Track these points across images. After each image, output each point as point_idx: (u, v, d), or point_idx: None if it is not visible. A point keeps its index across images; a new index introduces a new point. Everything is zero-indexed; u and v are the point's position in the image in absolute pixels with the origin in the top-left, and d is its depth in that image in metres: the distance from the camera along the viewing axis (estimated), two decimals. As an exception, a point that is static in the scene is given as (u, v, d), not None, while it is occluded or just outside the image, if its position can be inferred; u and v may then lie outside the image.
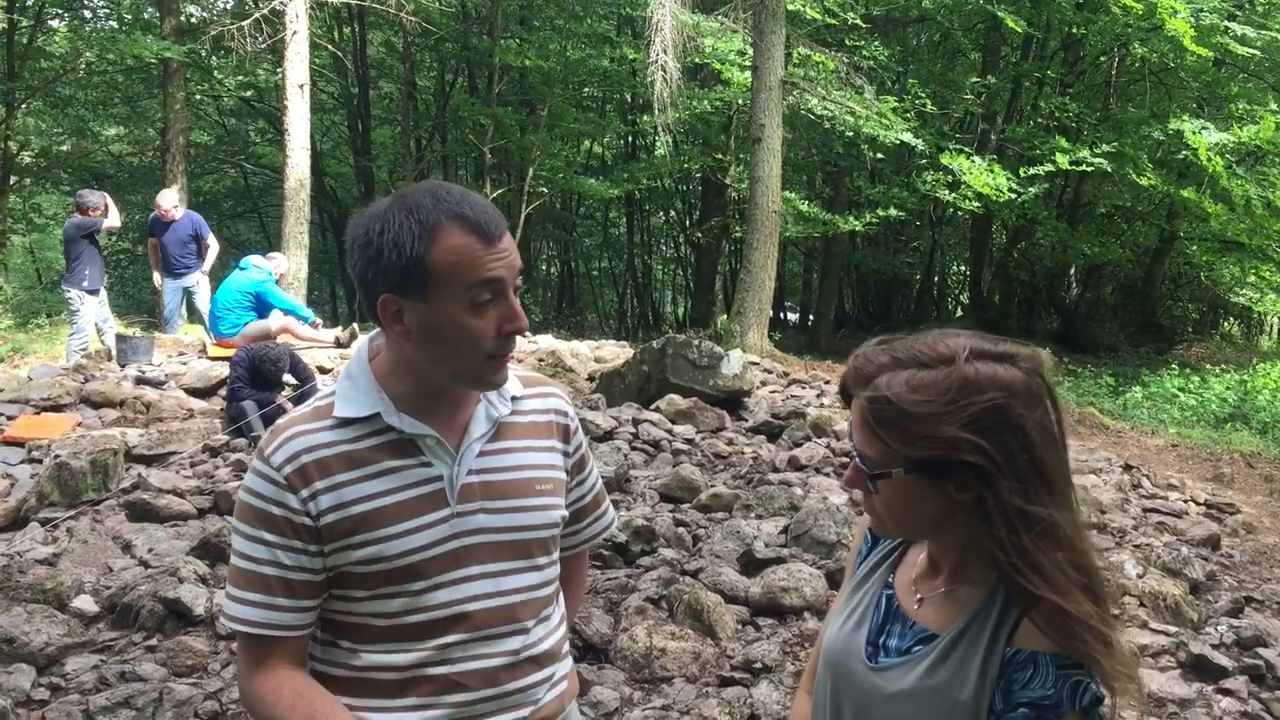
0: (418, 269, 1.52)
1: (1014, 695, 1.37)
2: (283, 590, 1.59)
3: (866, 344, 1.51)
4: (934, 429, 1.37)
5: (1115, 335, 21.65)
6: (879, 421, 1.41)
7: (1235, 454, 9.91)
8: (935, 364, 1.41)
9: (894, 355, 1.45)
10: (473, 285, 1.53)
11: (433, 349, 1.57)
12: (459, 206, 1.54)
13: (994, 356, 1.41)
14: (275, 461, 1.58)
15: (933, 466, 1.40)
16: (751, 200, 13.73)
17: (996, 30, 18.77)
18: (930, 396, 1.38)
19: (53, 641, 4.12)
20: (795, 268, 26.51)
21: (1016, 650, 1.39)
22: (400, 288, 1.54)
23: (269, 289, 10.05)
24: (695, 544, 5.47)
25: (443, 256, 1.51)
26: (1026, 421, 1.37)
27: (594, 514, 1.95)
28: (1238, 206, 15.52)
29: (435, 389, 1.63)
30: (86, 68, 18.25)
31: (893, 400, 1.40)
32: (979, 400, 1.36)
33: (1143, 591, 5.08)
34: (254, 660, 1.61)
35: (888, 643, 1.54)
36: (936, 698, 1.43)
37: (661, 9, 13.33)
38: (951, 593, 1.50)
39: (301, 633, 1.63)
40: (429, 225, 1.52)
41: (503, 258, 1.55)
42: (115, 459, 6.21)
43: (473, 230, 1.53)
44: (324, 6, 16.84)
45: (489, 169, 19.09)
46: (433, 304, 1.53)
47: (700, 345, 8.43)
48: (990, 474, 1.36)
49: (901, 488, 1.44)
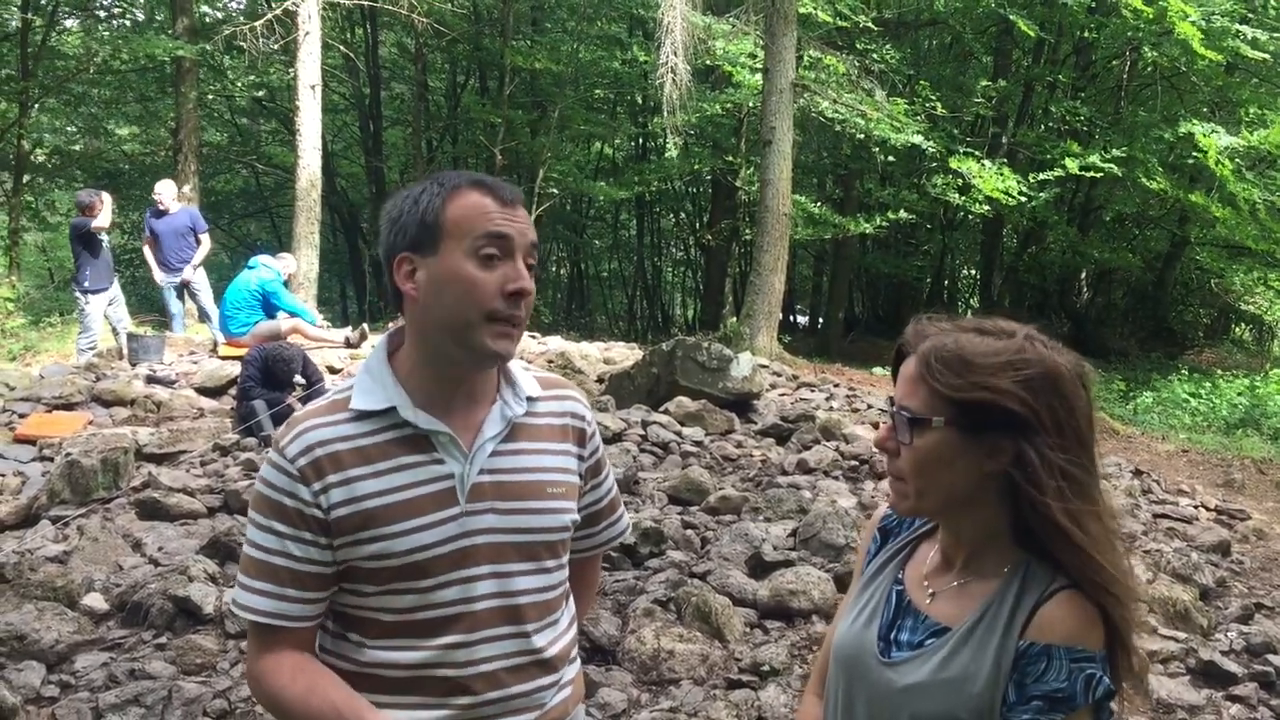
0: (433, 223, 1.59)
1: (1027, 688, 1.40)
2: (291, 581, 1.60)
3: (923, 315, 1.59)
4: (988, 378, 1.43)
5: (1126, 340, 21.58)
6: (939, 362, 1.46)
7: (1246, 460, 9.87)
8: (996, 334, 1.49)
9: (957, 323, 1.53)
10: (480, 236, 1.58)
11: (436, 305, 1.59)
12: (481, 177, 1.64)
13: (1048, 344, 1.50)
14: (290, 453, 1.60)
15: (975, 416, 1.44)
16: (761, 203, 13.72)
17: (1008, 34, 18.72)
18: (989, 352, 1.45)
19: (63, 639, 4.13)
20: (805, 270, 26.47)
21: (1030, 643, 1.41)
22: (415, 245, 1.60)
23: (276, 289, 10.06)
24: (703, 546, 5.47)
25: (456, 211, 1.59)
26: (1073, 398, 1.45)
27: (608, 519, 1.94)
28: (1243, 211, 15.50)
29: (451, 383, 1.64)
30: (100, 67, 18.31)
31: (956, 346, 1.46)
32: (1034, 366, 1.44)
33: (1152, 597, 5.07)
34: (260, 645, 1.64)
35: (899, 637, 1.55)
36: (950, 690, 1.45)
37: (672, 11, 13.32)
38: (964, 586, 1.52)
39: (309, 623, 1.64)
40: (448, 186, 1.61)
41: (514, 220, 1.61)
42: (126, 457, 6.24)
43: (488, 192, 1.61)
44: (336, 7, 16.89)
45: (499, 170, 19.11)
46: (442, 256, 1.59)
47: (709, 348, 8.43)
48: (1033, 427, 1.42)
49: (936, 442, 1.46)
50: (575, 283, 27.38)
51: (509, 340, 1.62)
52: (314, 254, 14.15)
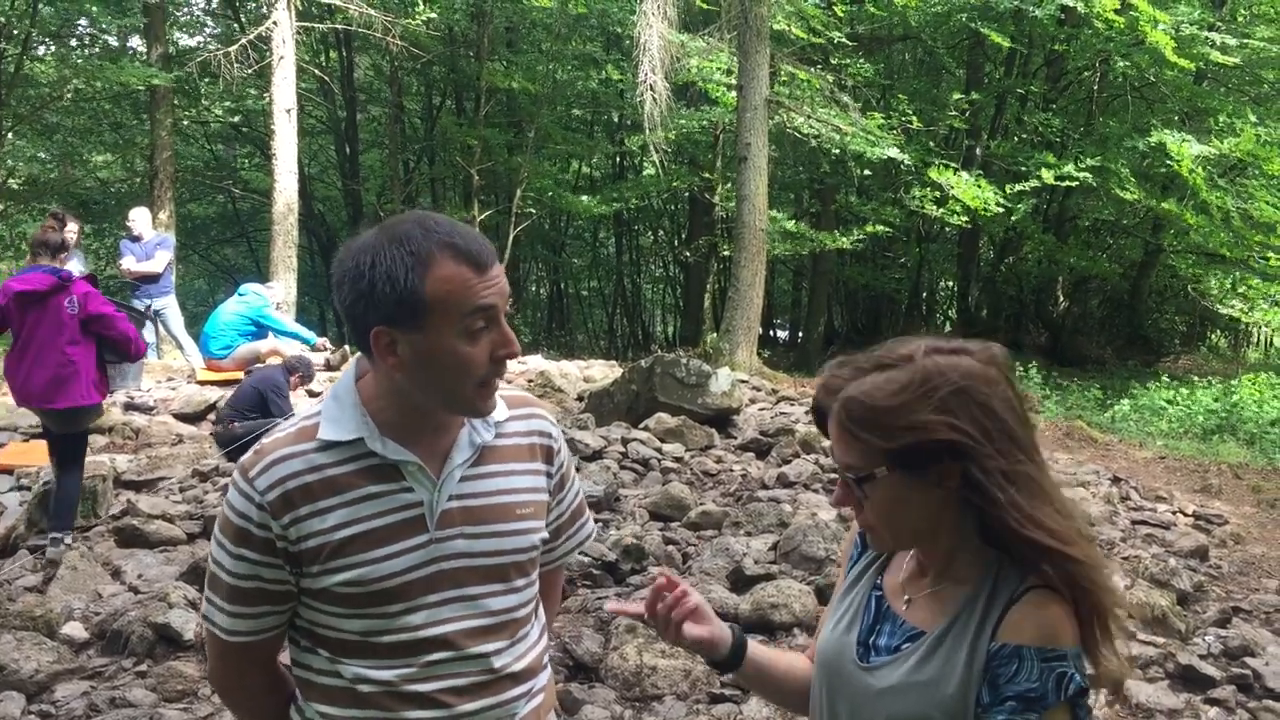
0: (412, 300, 1.52)
1: (1001, 689, 1.43)
2: (263, 599, 1.64)
3: (828, 365, 1.58)
4: (907, 418, 1.44)
5: (1103, 348, 21.73)
6: (855, 423, 1.48)
7: (1223, 465, 9.95)
8: (897, 363, 1.49)
9: (857, 365, 1.53)
10: (468, 314, 1.54)
11: (426, 378, 1.59)
12: (449, 236, 1.55)
13: (949, 350, 1.51)
14: (259, 486, 1.60)
15: (912, 457, 1.45)
16: (739, 219, 13.78)
17: (980, 47, 18.91)
18: (897, 389, 1.46)
19: (42, 669, 4.11)
20: (784, 285, 26.55)
21: (1001, 645, 1.44)
22: (393, 319, 1.55)
23: (268, 314, 10.05)
24: (685, 562, 5.49)
25: (437, 286, 1.53)
26: (990, 399, 1.46)
27: (571, 529, 1.96)
28: (1215, 218, 15.66)
29: (420, 414, 1.65)
30: (74, 95, 18.25)
31: (863, 399, 1.47)
32: (943, 386, 1.44)
33: (1131, 603, 5.10)
34: (220, 656, 1.72)
35: (878, 642, 1.58)
36: (924, 692, 1.48)
37: (649, 29, 13.39)
38: (938, 593, 1.55)
39: (272, 634, 1.69)
40: (421, 256, 1.53)
41: (494, 284, 1.57)
42: (104, 485, 6.22)
43: (465, 259, 1.54)
44: (310, 31, 16.90)
45: (477, 190, 19.13)
46: (429, 334, 1.54)
47: (688, 364, 8.45)
48: (969, 447, 1.43)
49: (888, 488, 1.49)
50: (555, 301, 27.37)
51: (494, 397, 1.65)
52: (292, 278, 14.12)
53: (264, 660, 1.73)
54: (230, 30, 20.30)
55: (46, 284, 5.72)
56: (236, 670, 1.73)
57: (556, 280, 27.02)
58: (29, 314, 5.74)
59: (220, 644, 1.69)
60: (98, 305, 5.83)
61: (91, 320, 5.77)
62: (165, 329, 11.33)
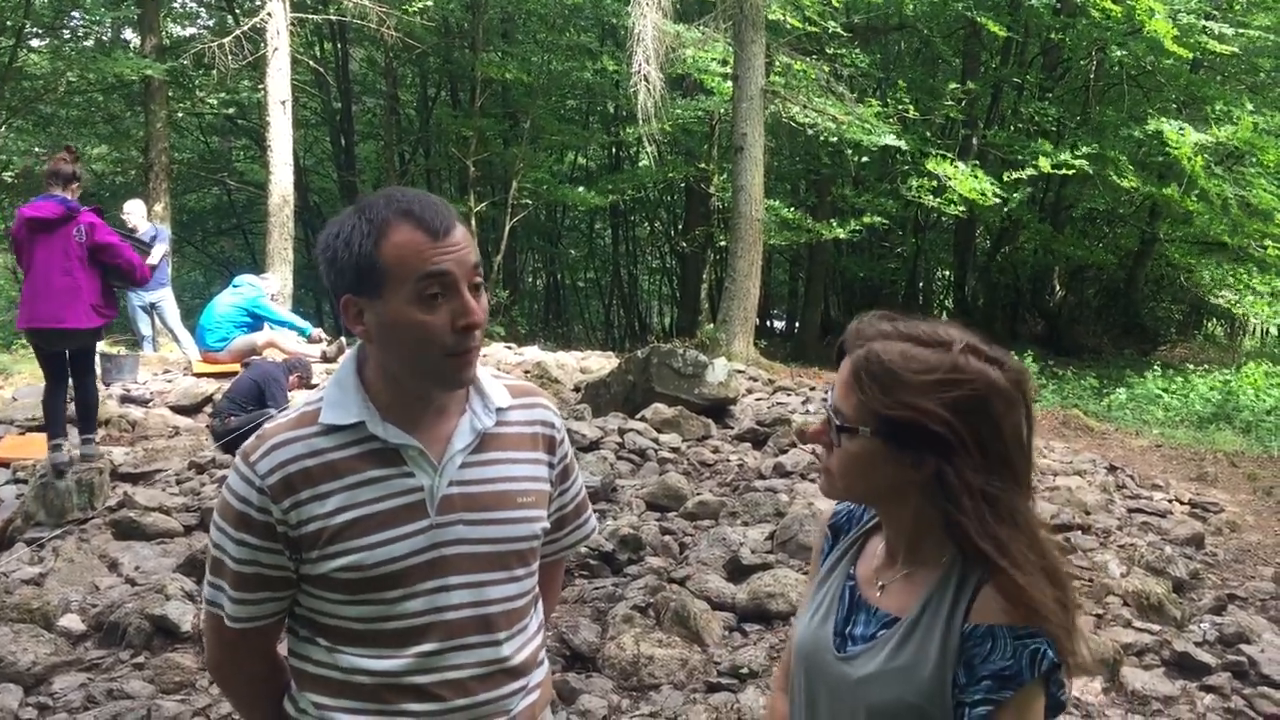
0: (368, 266, 1.55)
1: (976, 669, 1.43)
2: (262, 585, 1.64)
3: (871, 313, 1.58)
4: (914, 398, 1.44)
5: (1099, 337, 21.75)
6: (867, 374, 1.47)
7: (1219, 453, 9.96)
8: (932, 344, 1.48)
9: (895, 327, 1.52)
10: (419, 278, 1.55)
11: (392, 347, 1.60)
12: (407, 204, 1.57)
13: (986, 356, 1.48)
14: (260, 470, 1.61)
15: (899, 432, 1.45)
16: (735, 209, 13.77)
17: (976, 36, 18.90)
18: (920, 369, 1.45)
19: (40, 661, 4.12)
20: (781, 275, 26.55)
21: (974, 626, 1.45)
22: (356, 287, 1.58)
23: (263, 305, 10.03)
24: (682, 552, 5.49)
25: (390, 252, 1.55)
26: (1002, 419, 1.45)
27: (574, 522, 1.96)
28: (1215, 206, 15.66)
29: (417, 397, 1.65)
30: (68, 87, 18.20)
31: (885, 360, 1.47)
32: (963, 386, 1.43)
33: (1126, 590, 5.12)
34: (220, 641, 1.73)
35: (853, 631, 1.58)
36: (901, 678, 1.48)
37: (643, 19, 13.35)
38: (909, 576, 1.55)
39: (272, 620, 1.70)
40: (377, 223, 1.56)
41: (450, 252, 1.57)
42: (101, 478, 6.21)
43: (419, 225, 1.56)
44: (305, 23, 16.86)
45: (473, 182, 19.10)
46: (388, 301, 1.56)
47: (685, 354, 8.45)
48: (954, 448, 1.42)
49: (863, 449, 1.49)
50: (552, 292, 27.39)
51: (469, 367, 1.64)
52: (288, 269, 14.12)
53: (263, 647, 1.74)
54: (224, 22, 20.26)
55: (56, 213, 6.17)
56: (235, 656, 1.73)
57: (553, 271, 27.03)
58: (38, 241, 6.15)
59: (222, 629, 1.69)
60: (104, 235, 6.30)
61: (98, 249, 6.23)
62: (161, 321, 11.33)
